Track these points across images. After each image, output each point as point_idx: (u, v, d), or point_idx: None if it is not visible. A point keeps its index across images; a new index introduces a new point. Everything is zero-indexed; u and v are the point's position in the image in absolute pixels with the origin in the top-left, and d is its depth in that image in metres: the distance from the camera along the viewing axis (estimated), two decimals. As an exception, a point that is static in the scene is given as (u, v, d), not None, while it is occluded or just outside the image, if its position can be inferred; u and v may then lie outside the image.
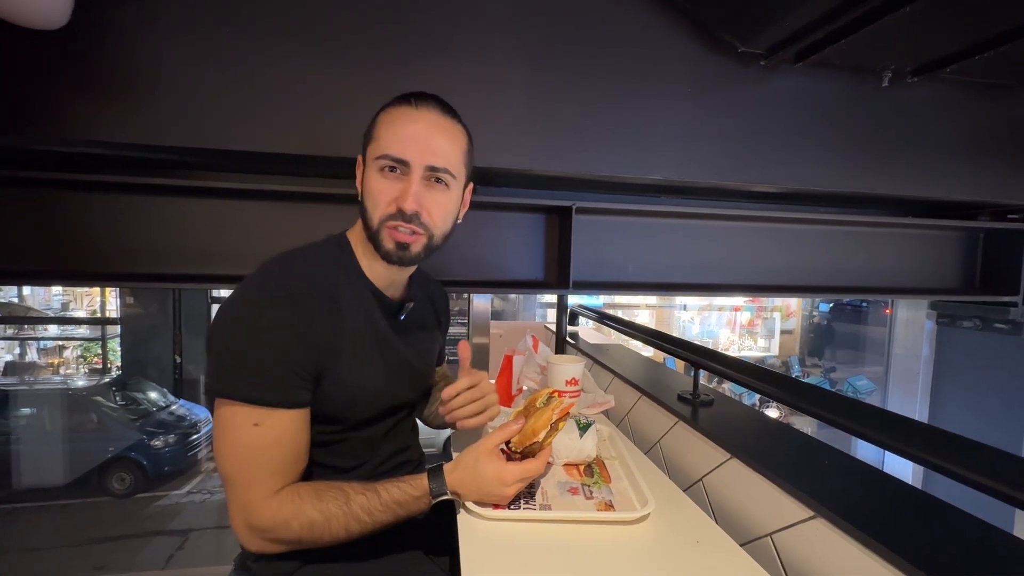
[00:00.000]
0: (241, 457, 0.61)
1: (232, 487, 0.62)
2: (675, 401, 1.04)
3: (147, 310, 5.61)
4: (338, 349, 0.67)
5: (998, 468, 0.52)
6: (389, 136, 0.68)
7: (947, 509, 0.61)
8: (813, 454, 0.78)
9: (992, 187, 1.72)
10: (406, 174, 0.68)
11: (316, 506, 0.61)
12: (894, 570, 0.52)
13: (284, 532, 0.61)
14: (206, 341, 0.64)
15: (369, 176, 0.70)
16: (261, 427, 0.60)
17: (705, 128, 1.53)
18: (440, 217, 0.71)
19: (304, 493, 0.62)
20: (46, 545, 3.84)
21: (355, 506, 0.61)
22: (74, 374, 6.80)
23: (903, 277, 1.92)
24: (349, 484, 0.64)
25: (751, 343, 7.56)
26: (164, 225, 1.40)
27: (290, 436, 0.63)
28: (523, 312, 6.02)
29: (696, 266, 1.75)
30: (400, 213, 0.67)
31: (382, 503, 0.62)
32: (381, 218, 0.68)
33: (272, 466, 0.62)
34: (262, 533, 0.61)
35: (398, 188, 0.68)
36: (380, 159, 0.67)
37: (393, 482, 0.64)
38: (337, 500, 0.61)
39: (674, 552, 0.64)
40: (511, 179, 1.55)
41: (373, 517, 0.62)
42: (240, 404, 0.60)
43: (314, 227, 1.45)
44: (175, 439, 4.81)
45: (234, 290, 0.65)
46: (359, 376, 0.70)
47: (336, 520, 0.61)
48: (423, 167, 0.68)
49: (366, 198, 0.70)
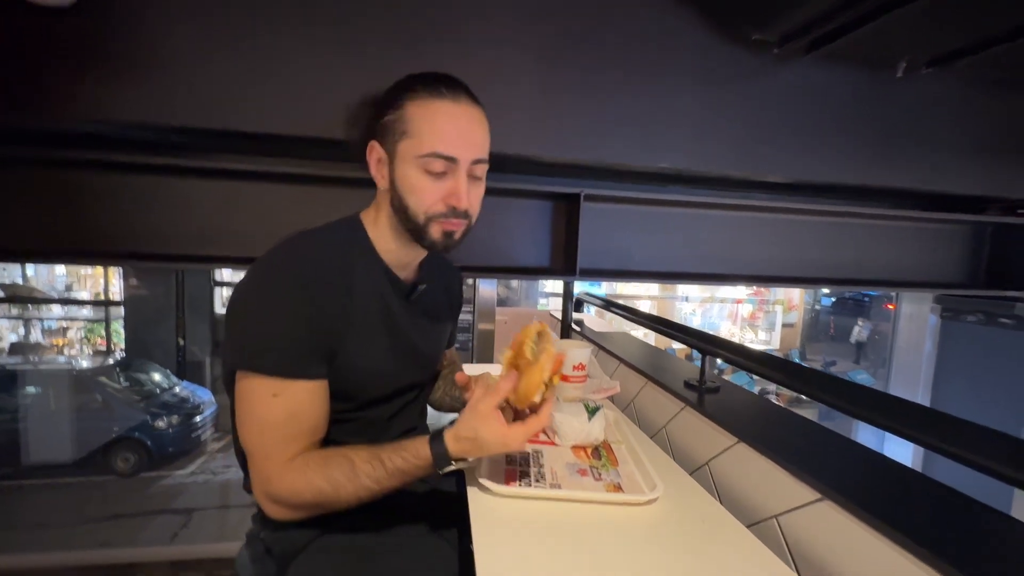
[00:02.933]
0: (260, 428, 0.63)
1: (252, 458, 0.64)
2: (682, 387, 1.05)
3: (150, 292, 5.63)
4: (349, 329, 0.68)
5: (998, 449, 0.53)
6: (433, 133, 0.66)
7: (947, 491, 0.63)
8: (819, 439, 0.79)
9: (1003, 182, 1.71)
10: (452, 171, 0.67)
11: (323, 474, 0.62)
12: (899, 549, 0.53)
13: (298, 500, 0.63)
14: (226, 317, 0.66)
15: (409, 174, 0.68)
16: (279, 398, 0.62)
17: (715, 118, 1.52)
18: (477, 205, 0.74)
19: (313, 463, 0.63)
20: (53, 521, 3.91)
21: (361, 475, 0.62)
22: (78, 355, 6.84)
23: (908, 270, 1.91)
24: (355, 452, 0.64)
25: (752, 336, 7.58)
26: (169, 205, 1.40)
27: (307, 407, 0.64)
28: (526, 300, 6.04)
29: (702, 255, 1.75)
30: (452, 211, 0.68)
31: (387, 471, 0.63)
32: (428, 215, 0.68)
33: (289, 436, 0.63)
34: (280, 501, 0.63)
35: (446, 187, 0.68)
36: (426, 158, 0.66)
37: (395, 450, 0.64)
38: (343, 468, 0.62)
39: (681, 532, 0.65)
40: (520, 165, 1.55)
41: (381, 484, 0.63)
42: (259, 376, 0.62)
43: (319, 209, 1.45)
44: (179, 420, 4.87)
45: (251, 268, 0.66)
46: (368, 357, 0.71)
47: (344, 488, 0.62)
48: (468, 162, 0.68)
49: (407, 195, 0.69)
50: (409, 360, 0.79)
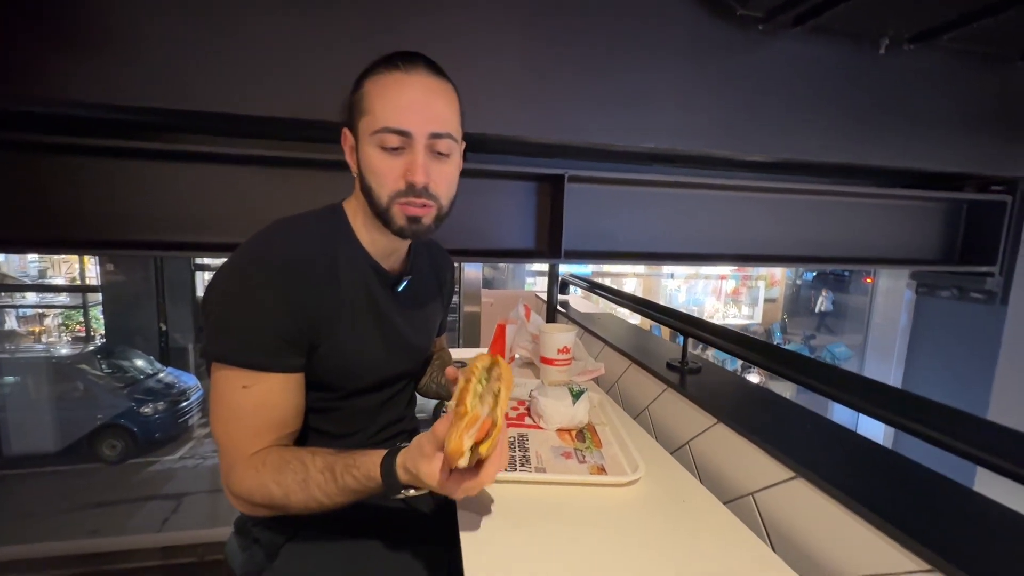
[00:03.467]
0: (228, 419, 0.62)
1: (220, 450, 0.63)
2: (664, 369, 1.07)
3: (128, 278, 5.50)
4: (334, 320, 0.67)
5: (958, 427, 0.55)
6: (384, 107, 0.63)
7: (914, 467, 0.65)
8: (795, 418, 0.81)
9: (980, 159, 1.74)
10: (409, 146, 0.64)
11: (276, 478, 0.59)
12: (867, 525, 0.55)
13: (250, 499, 0.61)
14: (201, 305, 0.64)
15: (368, 153, 0.65)
16: (249, 390, 0.61)
17: (701, 95, 1.51)
18: (446, 186, 0.70)
19: (270, 463, 0.60)
20: (41, 510, 3.88)
21: (312, 486, 0.58)
22: (57, 342, 6.70)
23: (886, 248, 1.95)
24: (314, 458, 0.60)
25: (735, 311, 7.72)
26: (145, 191, 1.35)
27: (278, 401, 0.63)
28: (513, 280, 6.04)
29: (686, 236, 1.77)
30: (411, 188, 0.65)
31: (338, 487, 0.58)
32: (390, 196, 0.66)
33: (256, 430, 0.62)
34: (236, 496, 0.62)
35: (403, 163, 0.65)
36: (378, 134, 0.63)
37: (349, 467, 0.58)
38: (296, 474, 0.59)
39: (662, 511, 0.67)
40: (503, 146, 1.52)
41: (332, 500, 0.59)
42: (232, 368, 0.61)
43: (301, 194, 1.42)
44: (164, 406, 4.83)
45: (230, 256, 0.64)
46: (356, 348, 0.70)
47: (295, 495, 0.58)
48: (426, 136, 0.64)
49: (369, 176, 0.66)
50: (398, 350, 0.78)
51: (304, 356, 0.65)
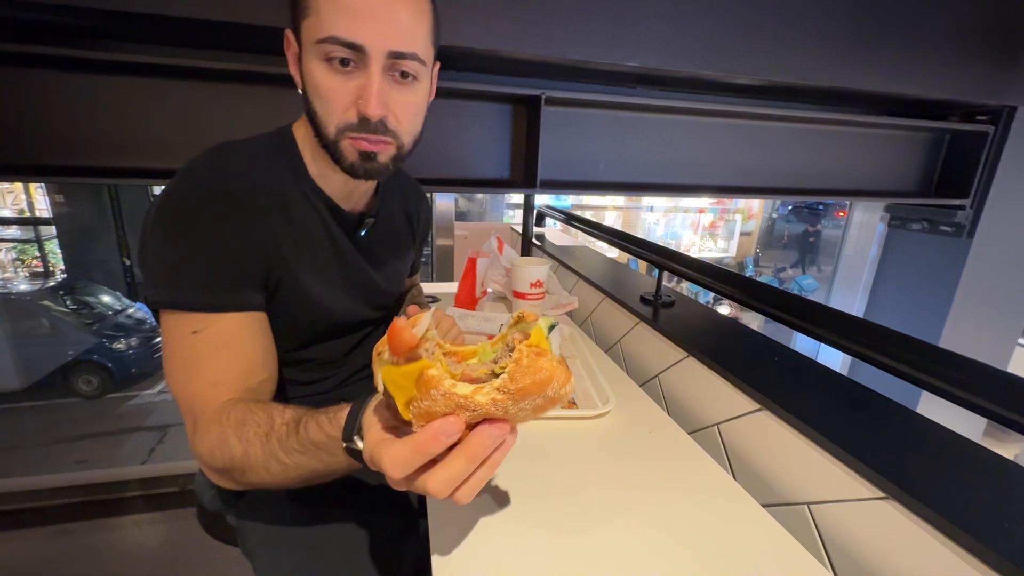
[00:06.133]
0: (184, 371, 0.53)
1: (182, 408, 0.55)
2: (638, 303, 1.06)
3: (81, 209, 5.16)
4: (291, 259, 0.60)
5: (905, 353, 0.57)
6: (333, 9, 0.50)
7: (868, 393, 0.67)
8: (763, 351, 0.82)
9: (971, 86, 1.68)
10: (363, 65, 0.52)
11: (238, 432, 0.48)
12: (826, 454, 0.57)
13: (212, 461, 0.49)
14: (139, 246, 0.55)
15: (311, 67, 0.53)
16: (201, 334, 0.53)
17: (691, 9, 1.37)
18: (409, 120, 0.58)
19: (234, 415, 0.49)
20: (21, 444, 3.90)
21: (273, 439, 0.46)
22: (13, 278, 6.39)
23: (865, 180, 1.93)
24: (283, 411, 0.48)
25: (712, 244, 7.81)
26: (86, 108, 1.18)
27: (236, 342, 0.55)
28: (491, 212, 5.91)
29: (668, 165, 1.70)
30: (363, 122, 0.54)
31: (299, 441, 0.45)
32: (339, 127, 0.55)
33: (214, 380, 0.52)
34: (201, 459, 0.51)
35: (354, 86, 0.53)
36: (324, 43, 0.51)
37: (316, 416, 0.46)
38: (260, 428, 0.47)
39: (629, 441, 0.68)
40: (475, 61, 1.38)
41: (292, 458, 0.46)
42: (178, 312, 0.53)
43: (268, 118, 1.27)
44: (138, 342, 4.75)
45: (165, 187, 0.55)
46: (317, 292, 0.64)
47: (253, 450, 0.47)
48: (384, 54, 0.52)
49: (313, 99, 0.55)
50: (365, 297, 0.73)
51: (260, 294, 0.58)
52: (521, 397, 0.33)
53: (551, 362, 0.34)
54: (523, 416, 0.36)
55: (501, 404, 0.34)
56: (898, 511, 0.48)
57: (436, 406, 0.33)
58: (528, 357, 0.34)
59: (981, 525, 0.42)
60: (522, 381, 0.33)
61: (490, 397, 0.33)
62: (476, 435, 0.35)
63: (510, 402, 0.34)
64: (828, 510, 0.56)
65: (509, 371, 0.34)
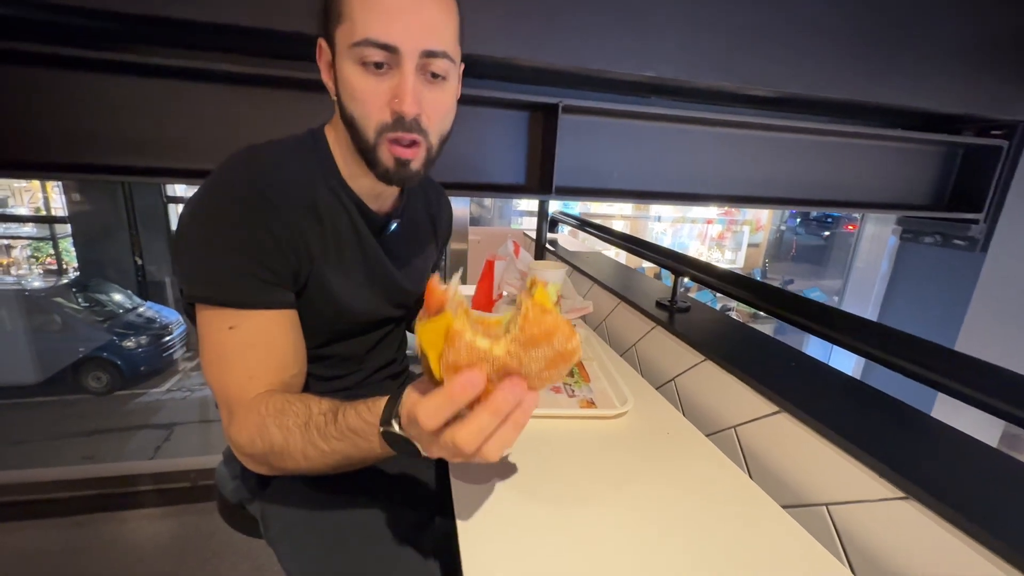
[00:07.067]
0: (220, 364, 0.56)
1: (218, 399, 0.57)
2: (653, 307, 1.07)
3: (97, 208, 5.24)
4: (319, 257, 0.62)
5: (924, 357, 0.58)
6: (366, 11, 0.53)
7: (883, 397, 0.68)
8: (779, 355, 0.83)
9: (985, 101, 1.69)
10: (396, 64, 0.54)
11: (278, 420, 0.51)
12: (845, 455, 0.57)
13: (251, 448, 0.52)
14: (172, 244, 0.57)
15: (346, 72, 0.55)
16: (236, 331, 0.55)
17: (707, 20, 1.40)
18: (440, 119, 0.59)
19: (272, 404, 0.52)
20: (31, 438, 3.94)
21: (312, 428, 0.49)
22: (28, 275, 6.48)
23: (878, 192, 1.94)
24: (320, 402, 0.51)
25: (719, 255, 7.80)
26: (109, 109, 1.22)
27: (269, 339, 0.57)
28: (499, 219, 5.94)
29: (682, 174, 1.72)
30: (398, 121, 0.55)
31: (337, 429, 0.48)
32: (378, 129, 0.56)
33: (250, 374, 0.55)
34: (239, 447, 0.54)
35: (388, 86, 0.55)
36: (359, 47, 0.53)
37: (355, 406, 0.49)
38: (299, 417, 0.50)
39: (647, 442, 0.69)
40: (492, 70, 1.41)
41: (330, 444, 0.48)
42: (215, 308, 0.55)
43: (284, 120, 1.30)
44: (148, 340, 4.80)
45: (199, 187, 0.57)
46: (343, 289, 0.66)
47: (293, 438, 0.50)
48: (417, 53, 0.54)
49: (349, 102, 0.57)
50: (388, 295, 0.74)
51: (291, 291, 0.60)
52: (532, 346, 0.39)
53: (554, 316, 0.40)
54: (537, 369, 0.40)
55: (515, 354, 0.39)
56: (919, 511, 0.49)
57: (461, 359, 0.38)
58: (533, 310, 0.39)
59: (1006, 524, 0.43)
60: (530, 331, 0.39)
61: (505, 349, 0.39)
62: (498, 391, 0.39)
63: (522, 351, 0.39)
64: (847, 511, 0.57)
65: (519, 323, 0.39)
